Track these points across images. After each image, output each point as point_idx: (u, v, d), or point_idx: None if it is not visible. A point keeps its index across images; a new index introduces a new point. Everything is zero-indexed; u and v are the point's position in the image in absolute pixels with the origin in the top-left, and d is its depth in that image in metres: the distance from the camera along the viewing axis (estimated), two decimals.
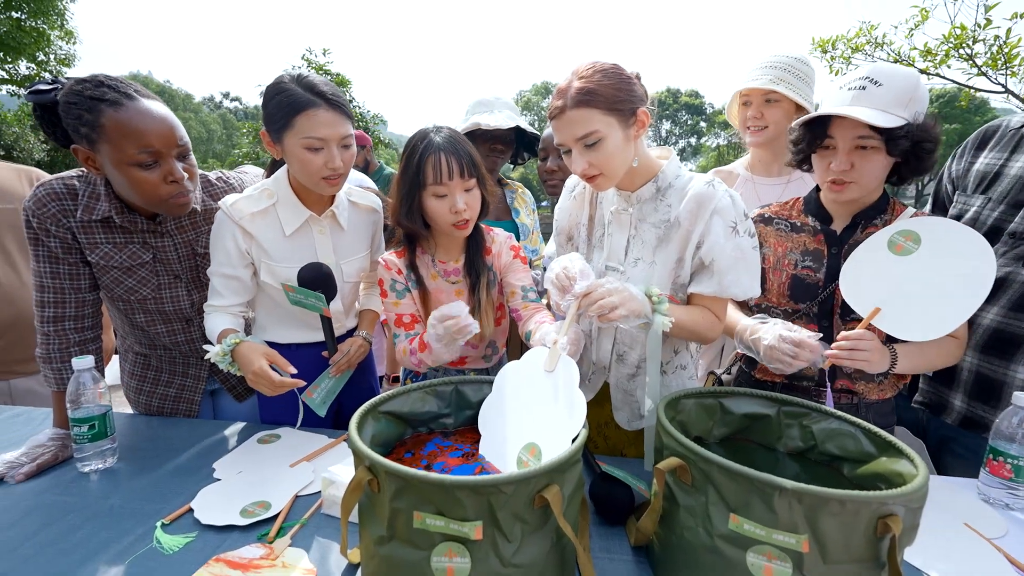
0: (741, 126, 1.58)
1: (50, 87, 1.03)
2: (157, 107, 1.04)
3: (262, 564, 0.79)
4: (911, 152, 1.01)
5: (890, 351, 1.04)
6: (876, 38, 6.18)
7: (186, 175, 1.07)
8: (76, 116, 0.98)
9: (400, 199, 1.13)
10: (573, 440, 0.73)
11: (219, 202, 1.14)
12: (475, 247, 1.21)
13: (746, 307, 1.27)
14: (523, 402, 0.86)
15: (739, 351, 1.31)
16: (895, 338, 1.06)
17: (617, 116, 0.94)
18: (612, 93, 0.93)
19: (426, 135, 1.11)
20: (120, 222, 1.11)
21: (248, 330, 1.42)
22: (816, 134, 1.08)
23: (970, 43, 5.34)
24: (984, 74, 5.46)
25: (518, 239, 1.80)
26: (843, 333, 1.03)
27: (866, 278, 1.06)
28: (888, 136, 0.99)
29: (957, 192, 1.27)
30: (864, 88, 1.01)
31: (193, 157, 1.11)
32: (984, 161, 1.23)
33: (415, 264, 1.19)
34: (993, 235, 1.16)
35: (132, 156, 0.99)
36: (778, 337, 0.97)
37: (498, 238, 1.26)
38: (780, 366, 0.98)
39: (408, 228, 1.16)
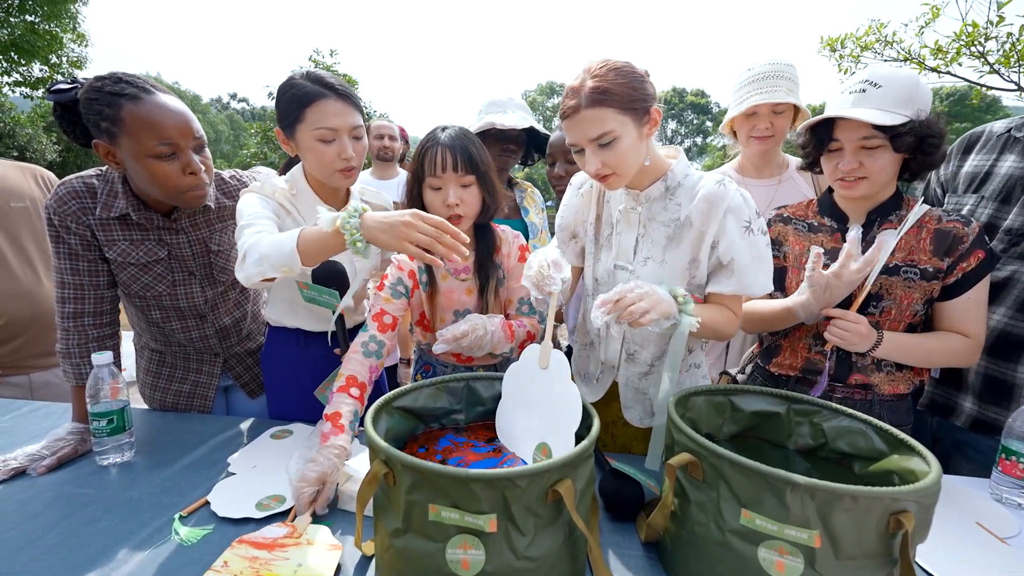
0: (744, 137, 1.59)
1: (70, 86, 1.05)
2: (173, 101, 1.06)
3: (287, 542, 0.80)
4: (918, 147, 1.03)
5: (877, 333, 1.07)
6: (885, 36, 6.12)
7: (203, 167, 1.09)
8: (97, 111, 1.01)
9: (407, 192, 1.18)
10: (584, 435, 0.74)
11: (246, 188, 1.14)
12: (485, 246, 1.22)
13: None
14: (527, 402, 0.88)
15: (756, 348, 1.31)
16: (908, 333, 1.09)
17: (631, 115, 0.94)
18: (627, 92, 0.93)
19: (434, 131, 1.15)
20: (137, 219, 1.14)
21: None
22: (822, 138, 1.10)
23: (982, 40, 5.27)
24: (996, 72, 5.39)
25: (527, 238, 1.81)
26: (838, 310, 1.07)
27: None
28: (893, 133, 1.01)
29: (948, 194, 1.31)
30: (864, 91, 1.03)
31: (208, 151, 1.13)
32: (973, 163, 1.27)
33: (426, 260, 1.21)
34: (989, 231, 1.19)
35: (151, 148, 1.02)
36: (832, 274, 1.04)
37: (507, 236, 1.27)
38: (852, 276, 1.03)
39: None
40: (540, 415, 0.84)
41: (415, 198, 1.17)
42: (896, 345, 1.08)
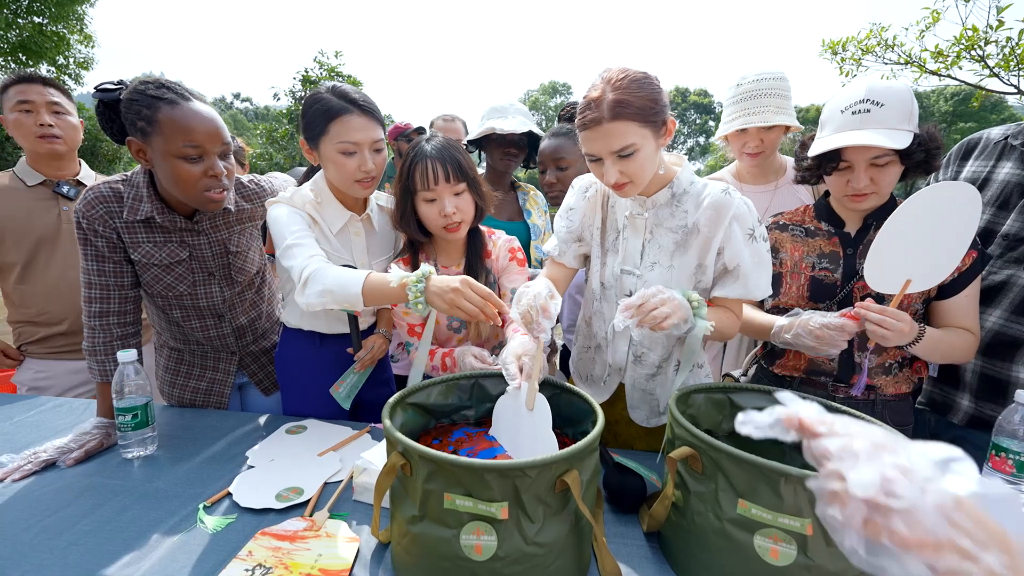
0: (737, 151, 1.61)
1: (116, 87, 1.12)
2: (207, 109, 1.12)
3: (307, 535, 0.85)
4: (923, 159, 1.07)
5: (919, 328, 1.07)
6: (886, 40, 6.15)
7: (224, 172, 1.14)
8: (136, 111, 1.07)
9: (396, 205, 1.22)
10: (589, 431, 0.78)
11: (272, 198, 1.19)
12: (474, 250, 1.26)
13: (760, 306, 1.32)
14: (514, 437, 0.89)
15: (759, 350, 1.35)
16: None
17: (651, 127, 0.95)
18: (648, 105, 0.94)
19: (418, 144, 1.18)
20: (161, 222, 1.18)
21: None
22: (829, 158, 1.12)
23: (982, 44, 5.30)
24: (996, 75, 5.42)
25: (530, 240, 1.85)
26: (877, 307, 1.04)
27: (887, 261, 1.08)
28: (905, 152, 1.04)
29: None
30: (869, 111, 1.05)
31: (233, 159, 1.18)
32: (971, 169, 1.30)
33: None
34: (987, 236, 1.23)
35: (179, 149, 1.08)
36: (820, 325, 1.05)
37: (498, 241, 1.30)
38: (825, 348, 1.05)
39: (406, 233, 1.25)
40: (518, 452, 0.87)
41: (408, 212, 1.20)
42: (929, 339, 1.08)
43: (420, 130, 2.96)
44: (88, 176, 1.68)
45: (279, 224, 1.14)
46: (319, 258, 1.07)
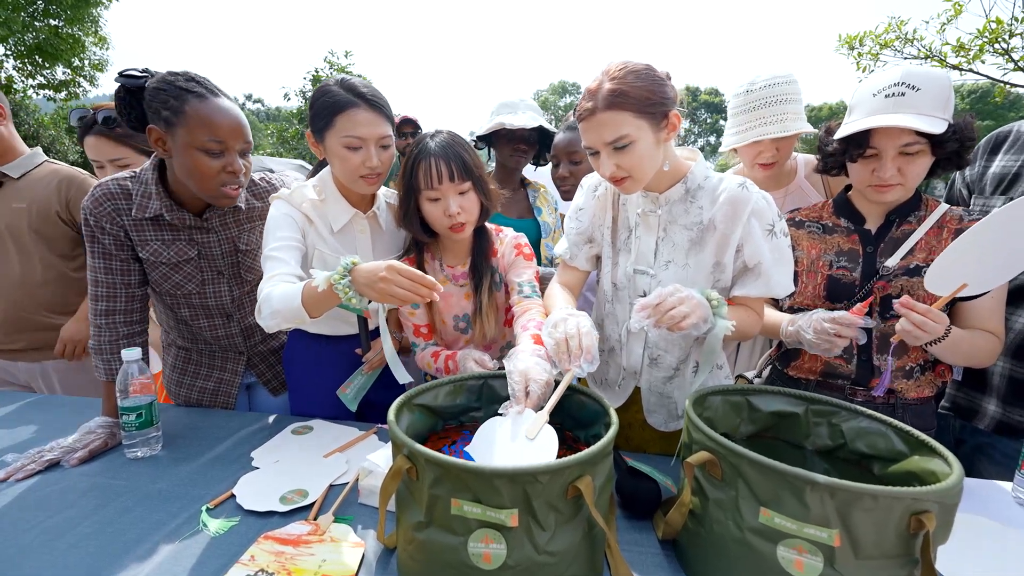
0: (749, 162, 1.54)
1: (141, 74, 1.13)
2: (232, 107, 1.14)
3: (311, 539, 0.83)
4: (955, 151, 1.02)
5: (947, 325, 1.02)
6: (906, 34, 6.01)
7: (243, 169, 1.15)
8: (162, 100, 1.07)
9: (399, 203, 1.18)
10: (602, 435, 0.74)
11: (275, 193, 1.18)
12: (480, 250, 1.23)
13: (775, 304, 1.27)
14: (504, 463, 0.77)
15: (773, 351, 1.31)
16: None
17: (648, 119, 0.93)
18: (644, 95, 0.92)
19: (422, 140, 1.14)
20: (169, 219, 1.17)
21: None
22: (856, 143, 1.07)
23: (1006, 37, 5.16)
24: (1021, 69, 5.27)
25: (540, 237, 1.82)
26: (922, 306, 0.99)
27: (951, 264, 1.01)
28: (937, 140, 0.99)
29: (973, 195, 1.27)
30: (904, 94, 1.00)
31: (251, 159, 1.18)
32: (1000, 164, 1.23)
33: (424, 269, 1.22)
34: None
35: (202, 142, 1.08)
36: (819, 319, 1.03)
37: (505, 238, 1.27)
38: (828, 346, 1.02)
39: (409, 232, 1.22)
40: None
41: (412, 211, 1.16)
42: (952, 339, 1.03)
43: (408, 122, 2.84)
44: (19, 166, 1.61)
45: (268, 228, 1.13)
46: (276, 279, 1.04)
